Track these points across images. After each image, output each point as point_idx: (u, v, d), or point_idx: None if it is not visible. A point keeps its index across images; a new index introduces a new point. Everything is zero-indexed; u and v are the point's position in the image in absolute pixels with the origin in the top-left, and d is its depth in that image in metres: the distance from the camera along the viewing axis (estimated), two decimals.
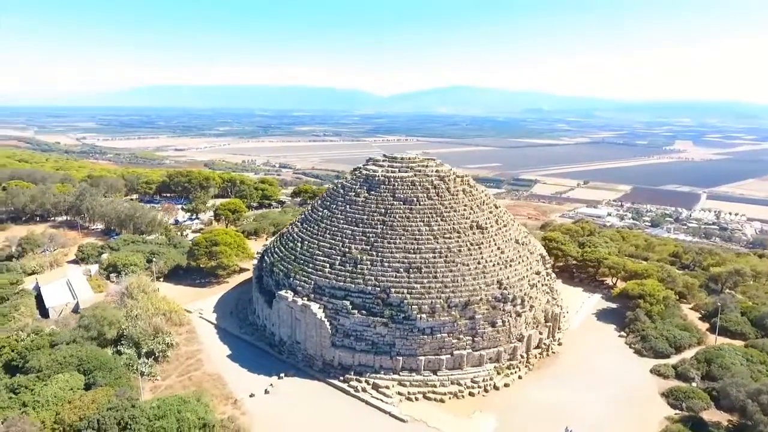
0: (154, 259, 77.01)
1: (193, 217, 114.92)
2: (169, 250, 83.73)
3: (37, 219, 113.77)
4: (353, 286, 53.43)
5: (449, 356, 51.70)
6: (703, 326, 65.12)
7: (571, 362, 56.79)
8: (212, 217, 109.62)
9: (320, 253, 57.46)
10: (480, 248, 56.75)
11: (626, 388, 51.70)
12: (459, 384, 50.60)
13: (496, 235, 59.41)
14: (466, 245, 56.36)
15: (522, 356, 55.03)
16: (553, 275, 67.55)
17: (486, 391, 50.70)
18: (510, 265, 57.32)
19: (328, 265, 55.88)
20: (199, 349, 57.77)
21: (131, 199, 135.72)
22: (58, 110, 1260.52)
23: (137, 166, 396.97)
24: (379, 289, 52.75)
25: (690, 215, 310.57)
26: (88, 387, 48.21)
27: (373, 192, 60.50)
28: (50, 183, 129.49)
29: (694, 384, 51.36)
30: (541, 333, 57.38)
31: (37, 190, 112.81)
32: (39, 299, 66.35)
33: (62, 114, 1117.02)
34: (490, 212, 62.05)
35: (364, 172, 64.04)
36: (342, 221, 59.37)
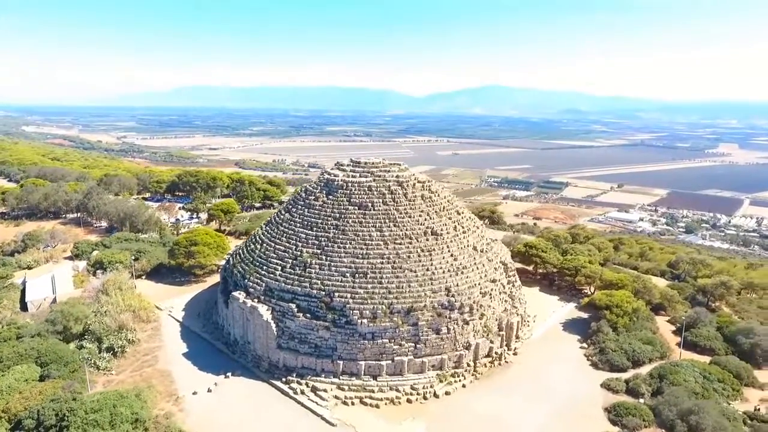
0: (136, 258, 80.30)
1: (193, 216, 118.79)
2: (157, 248, 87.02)
3: (50, 216, 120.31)
4: (300, 289, 54.43)
5: (390, 362, 51.92)
6: (676, 340, 62.76)
7: (521, 373, 55.92)
8: (206, 217, 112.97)
9: (275, 255, 58.76)
10: (431, 255, 56.64)
11: (571, 401, 50.58)
12: (398, 390, 50.75)
13: (451, 241, 59.11)
14: (417, 251, 56.38)
15: (468, 365, 54.58)
16: (518, 283, 66.55)
17: (425, 398, 50.63)
18: (462, 273, 56.93)
19: (279, 268, 57.10)
20: (159, 346, 60.07)
21: (143, 198, 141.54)
22: (102, 110, 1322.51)
23: (171, 164, 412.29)
24: (324, 293, 53.54)
25: (729, 222, 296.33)
26: (42, 379, 51.03)
27: (331, 196, 61.33)
28: (68, 181, 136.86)
29: (641, 400, 49.73)
30: (492, 342, 56.70)
31: (50, 188, 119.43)
32: (25, 293, 70.49)
33: (106, 114, 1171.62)
34: (449, 218, 61.75)
35: (326, 176, 64.96)
36: (299, 225, 60.49)
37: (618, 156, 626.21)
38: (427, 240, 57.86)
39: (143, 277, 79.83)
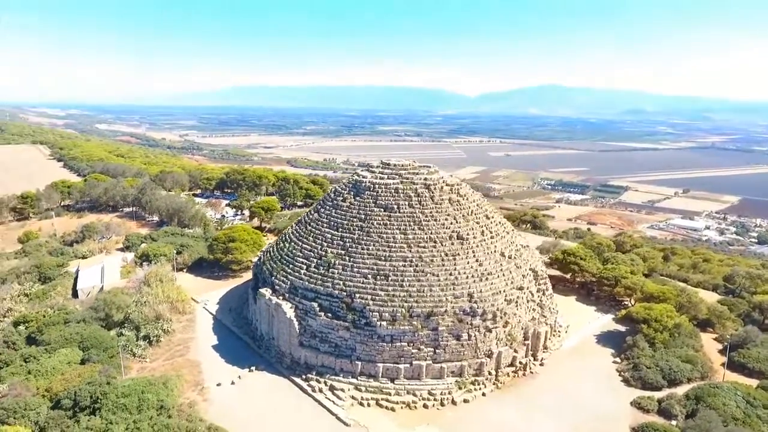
0: (179, 251, 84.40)
1: (237, 213, 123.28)
2: (199, 243, 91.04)
3: (110, 209, 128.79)
4: (322, 288, 55.21)
5: (408, 365, 51.64)
6: (723, 360, 58.36)
7: (546, 385, 53.91)
8: (248, 215, 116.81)
9: (301, 254, 59.94)
10: (455, 259, 55.77)
11: (597, 418, 48.24)
12: (414, 395, 50.40)
13: (477, 246, 57.93)
14: (441, 255, 55.70)
15: (490, 373, 53.29)
16: (549, 292, 64.22)
17: (442, 404, 49.95)
18: (486, 279, 55.66)
19: (304, 267, 58.18)
20: (192, 337, 62.85)
21: (194, 195, 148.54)
22: (167, 109, 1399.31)
23: (228, 161, 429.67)
24: (345, 293, 54.03)
25: None
26: (83, 362, 54.88)
27: (358, 198, 61.78)
28: (127, 177, 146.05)
29: (674, 422, 46.65)
30: (516, 351, 55.05)
31: (109, 183, 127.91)
32: (77, 281, 75.92)
33: (170, 113, 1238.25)
34: (477, 222, 60.53)
35: (355, 177, 65.49)
36: (325, 225, 61.36)
37: (684, 159, 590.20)
38: (452, 244, 57.00)
39: (184, 270, 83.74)
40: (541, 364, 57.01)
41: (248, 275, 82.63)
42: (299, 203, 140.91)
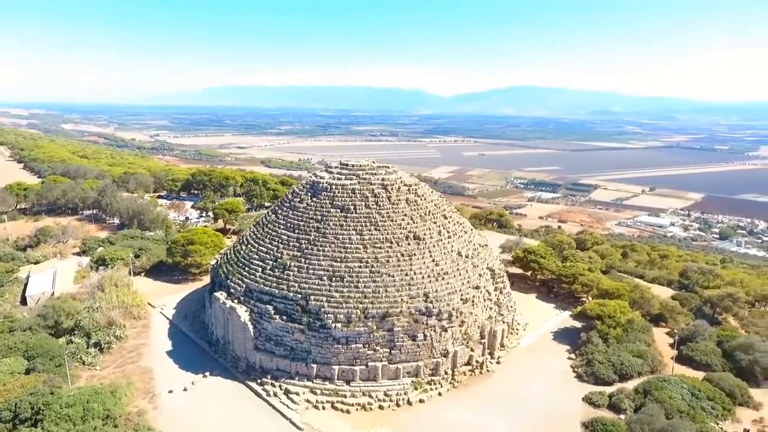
0: (138, 255, 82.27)
1: (202, 215, 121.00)
2: (159, 246, 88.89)
3: (69, 212, 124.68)
4: (278, 291, 54.51)
5: (363, 367, 51.42)
6: (672, 354, 59.97)
7: (502, 382, 54.49)
8: (212, 216, 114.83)
9: (257, 257, 59.08)
10: (411, 259, 55.82)
11: (549, 414, 48.92)
12: (370, 396, 50.21)
13: (434, 246, 58.10)
14: (396, 256, 55.66)
15: (446, 373, 53.54)
16: (506, 290, 64.96)
17: (398, 405, 49.90)
18: (442, 278, 55.87)
19: (260, 269, 57.37)
20: (145, 343, 61.24)
21: (158, 197, 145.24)
22: (137, 109, 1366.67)
23: (199, 162, 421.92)
24: (300, 296, 53.47)
25: None
26: (28, 372, 52.69)
27: (315, 199, 61.24)
28: (88, 178, 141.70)
29: (622, 416, 47.69)
30: (472, 350, 55.48)
31: (68, 185, 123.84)
32: (27, 287, 73.14)
33: (140, 112, 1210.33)
34: (434, 222, 60.73)
35: (312, 178, 64.94)
36: (282, 226, 60.64)
37: (651, 158, 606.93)
38: (409, 244, 57.03)
39: (142, 274, 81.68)
40: (498, 363, 57.59)
41: (208, 279, 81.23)
42: (267, 204, 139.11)
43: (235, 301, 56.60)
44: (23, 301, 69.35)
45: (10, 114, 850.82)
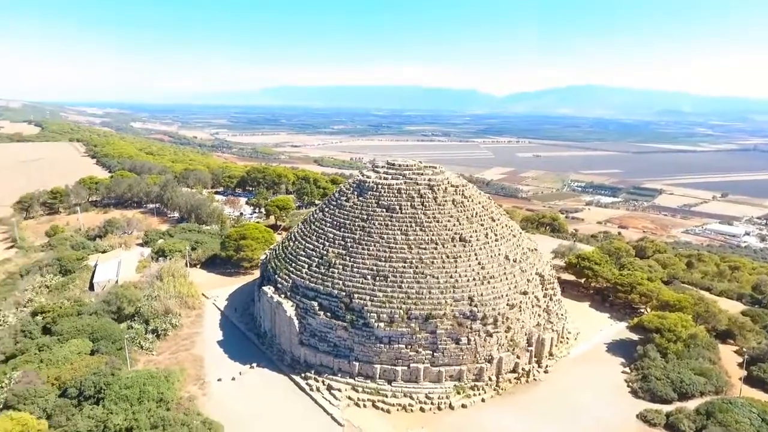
0: (194, 247, 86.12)
1: (255, 211, 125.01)
2: (214, 240, 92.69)
3: (134, 205, 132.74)
4: (322, 288, 55.26)
5: (405, 368, 51.13)
6: (741, 374, 55.50)
7: (550, 393, 52.43)
8: (263, 213, 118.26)
9: (303, 253, 60.18)
10: (456, 261, 54.89)
11: (599, 429, 46.58)
12: (411, 398, 49.85)
13: (480, 249, 56.85)
14: (441, 257, 54.92)
15: (491, 379, 52.23)
16: (557, 297, 62.55)
17: (439, 408, 49.24)
18: (488, 282, 54.56)
19: (306, 266, 58.39)
20: (198, 332, 63.96)
21: (215, 192, 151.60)
22: (200, 108, 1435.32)
23: (255, 160, 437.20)
24: (344, 293, 53.93)
25: None
26: (93, 353, 56.51)
27: (361, 198, 61.57)
28: (152, 174, 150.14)
29: None
30: (518, 357, 53.81)
31: (133, 180, 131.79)
32: (95, 274, 78.40)
33: (202, 111, 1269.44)
34: (481, 225, 59.42)
35: (359, 177, 65.31)
36: (328, 224, 61.42)
37: (724, 162, 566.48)
38: (454, 246, 56.12)
39: (198, 266, 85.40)
40: (546, 372, 55.53)
41: (258, 273, 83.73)
42: (317, 202, 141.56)
43: (282, 295, 57.94)
44: (91, 287, 74.32)
45: (86, 113, 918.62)
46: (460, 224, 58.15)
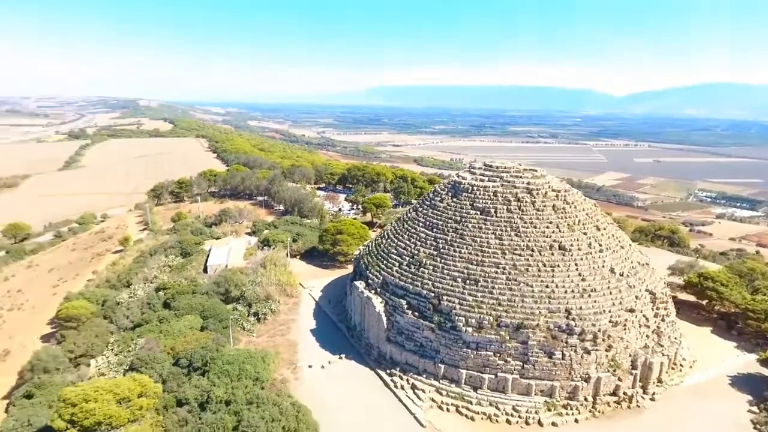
0: (295, 239, 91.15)
1: (353, 207, 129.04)
2: (313, 233, 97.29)
3: (246, 197, 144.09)
4: (411, 287, 55.29)
5: (492, 376, 49.34)
6: None
7: (654, 422, 47.29)
8: (360, 209, 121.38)
9: (395, 251, 60.71)
10: (553, 271, 51.66)
11: None
12: (497, 408, 47.99)
13: (581, 259, 52.93)
14: (537, 265, 52.05)
15: (586, 399, 48.46)
16: (670, 319, 56.25)
17: (527, 423, 46.80)
18: (589, 295, 50.64)
19: (397, 264, 58.84)
20: (294, 319, 67.56)
21: (317, 188, 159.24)
22: (308, 108, 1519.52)
23: (357, 158, 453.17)
24: (433, 294, 53.44)
25: None
26: (202, 329, 62.40)
27: (455, 199, 60.54)
28: (263, 168, 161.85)
29: None
30: (620, 380, 49.26)
31: (246, 173, 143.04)
32: (208, 258, 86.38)
33: (311, 111, 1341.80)
34: (584, 233, 55.28)
35: (454, 178, 64.23)
36: (421, 224, 61.28)
37: None
38: (552, 254, 52.88)
39: (297, 257, 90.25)
40: (652, 399, 50.18)
41: (352, 267, 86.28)
42: (413, 201, 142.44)
43: (373, 291, 59.02)
44: (205, 270, 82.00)
45: (211, 112, 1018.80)
46: (559, 231, 54.69)
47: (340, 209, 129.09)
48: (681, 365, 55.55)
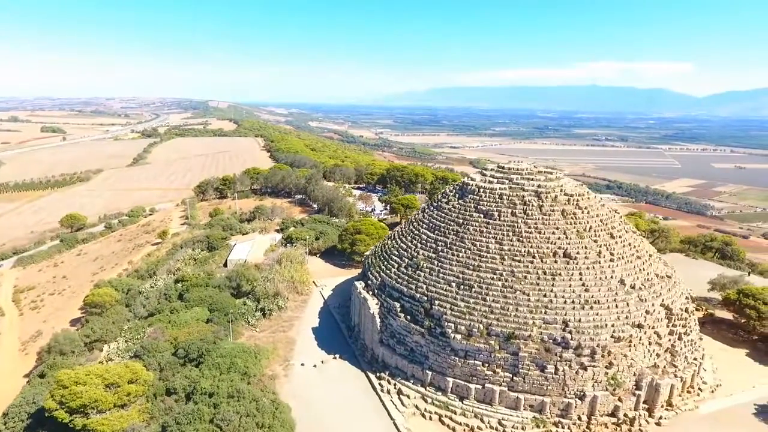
0: (317, 237, 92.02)
1: (385, 207, 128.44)
2: (337, 232, 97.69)
3: (285, 195, 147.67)
4: (406, 290, 53.88)
5: (479, 387, 46.94)
6: None
7: None
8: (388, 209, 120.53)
9: (396, 253, 59.48)
10: (554, 279, 48.34)
11: None
12: (482, 420, 45.63)
13: (587, 268, 49.14)
14: (537, 273, 48.92)
15: (580, 418, 44.91)
16: (689, 338, 50.89)
17: None
18: (590, 307, 46.90)
19: (396, 266, 57.60)
20: (299, 317, 68.05)
21: (357, 188, 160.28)
22: (369, 108, 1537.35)
23: (412, 159, 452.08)
24: (426, 298, 51.77)
25: None
26: (208, 321, 64.34)
27: (461, 201, 58.32)
28: (307, 167, 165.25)
29: None
30: (620, 400, 45.24)
31: (285, 172, 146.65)
32: (231, 253, 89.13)
33: (371, 112, 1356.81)
34: (594, 240, 51.28)
35: (464, 179, 61.93)
36: (424, 225, 59.63)
37: None
38: (555, 262, 49.50)
39: (318, 255, 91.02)
40: (658, 424, 45.68)
41: None
42: None
43: (370, 292, 58.19)
44: (225, 264, 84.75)
45: (274, 113, 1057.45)
46: (566, 238, 51.10)
47: (373, 209, 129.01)
48: (700, 389, 50.20)
